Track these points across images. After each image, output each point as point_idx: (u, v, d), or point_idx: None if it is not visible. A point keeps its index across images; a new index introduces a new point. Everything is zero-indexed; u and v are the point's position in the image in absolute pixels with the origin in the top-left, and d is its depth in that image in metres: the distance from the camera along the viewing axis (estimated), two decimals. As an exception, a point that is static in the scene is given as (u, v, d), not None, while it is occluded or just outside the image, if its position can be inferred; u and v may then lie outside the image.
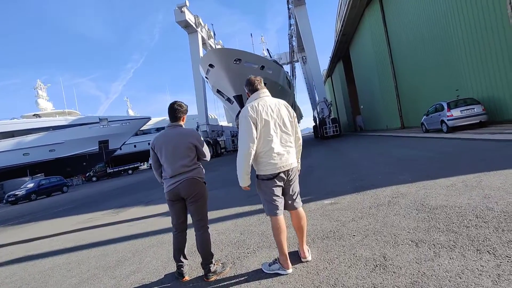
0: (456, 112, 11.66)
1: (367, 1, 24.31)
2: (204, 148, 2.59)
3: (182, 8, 31.59)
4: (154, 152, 2.58)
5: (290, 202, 2.45)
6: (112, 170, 36.14)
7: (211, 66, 21.38)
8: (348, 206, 3.94)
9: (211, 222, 4.45)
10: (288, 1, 35.86)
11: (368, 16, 25.64)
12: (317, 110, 34.19)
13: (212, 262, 2.52)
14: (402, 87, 22.08)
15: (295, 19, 34.17)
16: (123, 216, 6.47)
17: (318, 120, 34.79)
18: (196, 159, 2.57)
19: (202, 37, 37.02)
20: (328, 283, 2.07)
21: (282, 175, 2.33)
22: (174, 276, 2.66)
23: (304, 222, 2.49)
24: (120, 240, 4.41)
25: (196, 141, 2.54)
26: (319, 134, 32.52)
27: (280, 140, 2.34)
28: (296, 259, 2.53)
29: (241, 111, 2.37)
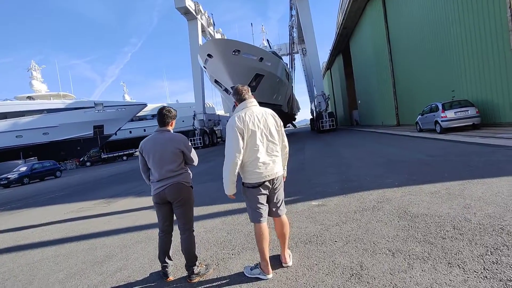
0: (450, 114, 11.77)
1: (369, -5, 23.98)
2: (192, 153, 2.62)
3: (182, -7, 30.85)
4: (142, 156, 2.61)
5: (274, 209, 2.52)
6: (107, 156, 36.00)
7: (210, 56, 21.15)
8: (334, 209, 4.04)
9: (201, 218, 4.56)
10: (290, -9, 35.24)
11: (369, 10, 25.35)
12: (314, 103, 34.18)
13: (196, 264, 2.60)
14: (399, 84, 22.11)
15: (297, 10, 33.65)
16: (114, 207, 6.53)
17: (315, 113, 34.84)
18: (183, 164, 2.61)
19: (202, 24, 36.35)
20: (304, 291, 2.16)
21: (267, 183, 2.39)
22: (159, 275, 2.74)
23: (287, 229, 2.56)
24: (110, 233, 4.47)
25: (184, 146, 2.57)
26: (316, 127, 32.63)
27: (266, 149, 2.38)
28: (278, 264, 2.62)
29: (228, 121, 2.40)
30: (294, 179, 6.75)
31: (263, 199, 2.42)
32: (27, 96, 39.13)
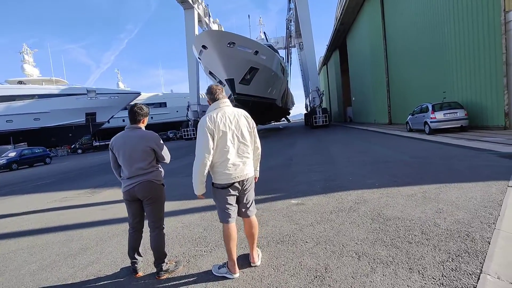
0: (439, 115, 11.89)
1: (368, -9, 23.80)
2: (163, 151, 2.61)
3: (179, -19, 30.23)
4: (113, 153, 2.59)
5: (244, 210, 2.53)
6: (99, 144, 35.67)
7: (204, 47, 20.90)
8: (312, 208, 4.08)
9: (180, 213, 4.57)
10: (289, -17, 34.77)
11: (367, 7, 25.20)
12: (309, 99, 34.17)
13: (165, 261, 2.61)
14: (393, 83, 22.19)
15: (295, 3, 33.26)
16: (98, 198, 6.50)
17: (309, 109, 34.88)
18: (154, 162, 2.60)
19: (199, 14, 35.79)
20: (267, 292, 2.19)
21: (237, 184, 2.40)
22: (130, 271, 2.75)
23: (256, 230, 2.58)
24: (88, 225, 4.46)
25: (155, 144, 2.55)
26: (309, 122, 32.71)
27: (237, 151, 2.38)
28: (247, 263, 2.65)
29: (199, 121, 2.39)
30: (279, 176, 6.79)
31: (232, 200, 2.43)
32: (18, 81, 38.26)
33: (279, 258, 2.70)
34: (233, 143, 2.37)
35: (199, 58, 24.75)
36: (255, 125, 2.58)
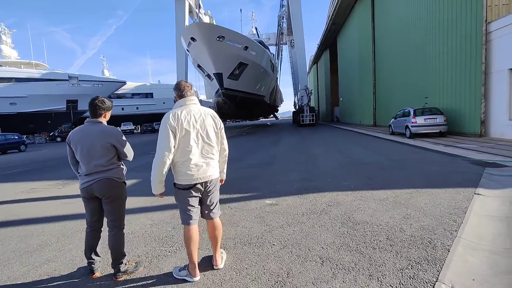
0: (420, 120, 12.17)
1: (359, -7, 23.96)
2: (126, 148, 2.48)
3: (170, -31, 29.43)
4: (70, 147, 2.45)
5: (207, 212, 2.46)
6: (80, 133, 34.46)
7: (193, 39, 20.51)
8: (285, 209, 4.06)
9: (152, 209, 4.45)
10: (282, -20, 34.55)
11: (358, 8, 25.40)
12: (297, 97, 34.30)
13: (123, 262, 2.51)
14: (379, 86, 22.56)
15: (288, 1, 33.11)
16: (68, 191, 6.25)
17: (297, 107, 35.03)
18: (115, 159, 2.47)
19: (190, 4, 35.01)
20: (225, 297, 2.14)
21: (199, 186, 2.32)
22: (87, 271, 2.63)
23: (219, 232, 2.52)
24: (52, 219, 4.27)
25: (116, 141, 2.42)
26: (297, 120, 32.87)
27: (201, 151, 2.30)
28: (209, 265, 2.59)
29: (163, 117, 2.29)
30: (259, 174, 6.75)
31: (194, 201, 2.35)
32: (-6, 62, 36.37)
33: (243, 261, 2.65)
34: (197, 143, 2.28)
35: (187, 50, 24.30)
36: (222, 125, 2.50)
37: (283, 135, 19.66)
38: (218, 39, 20.14)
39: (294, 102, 41.94)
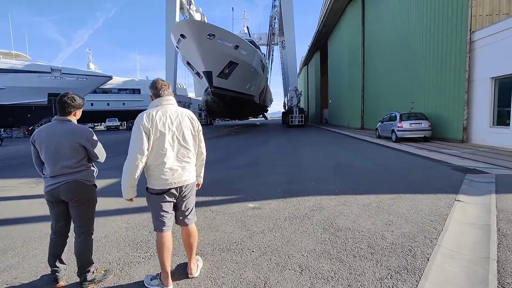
0: (405, 124, 12.38)
1: (350, -3, 24.22)
2: (97, 149, 2.32)
3: (161, -36, 28.90)
4: (34, 147, 2.27)
5: (181, 218, 2.34)
6: (62, 128, 33.32)
7: (183, 36, 20.20)
8: (267, 214, 3.97)
9: (129, 211, 4.27)
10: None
11: (349, 12, 25.67)
12: (287, 97, 34.41)
13: (90, 270, 2.35)
14: (368, 89, 22.87)
15: (280, 2, 33.14)
16: (41, 190, 5.93)
17: (287, 107, 35.13)
18: (85, 160, 2.31)
19: (181, 0, 34.53)
20: (197, 309, 2.02)
21: (174, 191, 2.19)
22: (51, 279, 2.45)
23: (194, 239, 2.40)
24: (21, 221, 4.02)
25: (86, 141, 2.26)
26: (286, 121, 32.95)
27: (176, 154, 2.17)
28: (184, 273, 2.46)
29: (137, 117, 2.15)
30: (244, 176, 6.65)
31: (167, 207, 2.22)
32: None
33: (220, 269, 2.54)
34: (172, 145, 2.15)
35: (177, 47, 23.92)
36: (200, 128, 2.38)
37: (272, 136, 19.63)
38: (208, 37, 19.91)
39: (284, 103, 42.05)
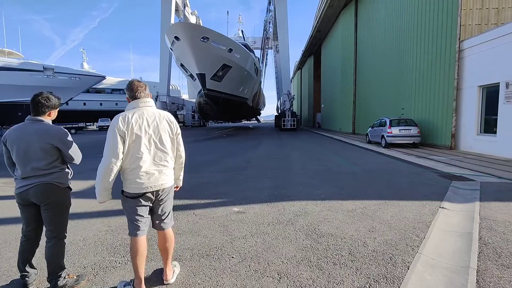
0: (395, 130, 12.51)
1: (344, 3, 24.50)
2: (71, 150, 2.25)
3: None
4: (6, 147, 2.19)
5: (158, 222, 2.28)
6: (52, 127, 32.77)
7: (177, 38, 20.20)
8: (251, 218, 3.92)
9: (111, 214, 4.18)
10: (270, -15, 34.85)
11: (342, 18, 25.96)
12: (280, 101, 34.53)
13: (61, 275, 2.26)
14: (360, 94, 23.09)
15: (274, 7, 33.40)
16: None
17: (280, 111, 35.24)
18: (58, 162, 2.23)
19: (176, 3, 34.50)
20: (169, 317, 1.96)
21: (150, 195, 2.14)
22: (21, 284, 2.36)
23: (170, 244, 2.34)
24: (-3, 223, 3.89)
25: (59, 142, 2.19)
26: (279, 124, 33.04)
27: (153, 158, 2.12)
28: (159, 280, 2.40)
29: (112, 120, 2.10)
30: (231, 179, 6.59)
31: (143, 211, 2.16)
32: (-39, 47, 33.95)
33: (197, 276, 2.48)
34: (148, 149, 2.10)
35: (171, 48, 23.87)
36: (179, 131, 2.33)
37: (263, 139, 19.62)
38: (202, 40, 19.92)
39: (277, 106, 42.19)
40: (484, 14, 13.97)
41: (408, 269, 2.53)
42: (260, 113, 56.21)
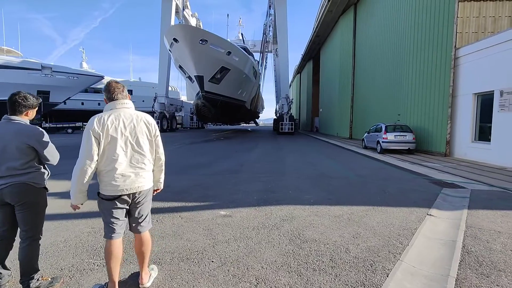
0: (390, 136, 12.52)
1: (343, 8, 24.66)
2: (47, 150, 2.23)
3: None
4: None
5: (134, 225, 2.26)
6: (49, 125, 32.76)
7: (176, 40, 20.27)
8: (237, 222, 3.90)
9: (95, 215, 4.14)
10: (270, -11, 35.07)
11: (341, 24, 26.11)
12: (279, 105, 34.59)
13: (34, 277, 2.23)
14: (357, 100, 23.16)
15: (274, 11, 33.59)
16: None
17: (278, 114, 35.28)
18: (34, 161, 2.21)
19: (177, 4, 34.63)
20: (140, 322, 1.93)
21: (126, 197, 2.12)
22: (-6, 286, 2.33)
23: (147, 247, 2.31)
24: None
25: (35, 142, 2.17)
26: (277, 128, 33.04)
27: (129, 160, 2.11)
28: (135, 284, 2.37)
29: (88, 121, 2.08)
30: (222, 182, 6.57)
31: (119, 213, 2.14)
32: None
33: (174, 280, 2.45)
34: (125, 151, 2.09)
35: (170, 50, 23.94)
36: (158, 133, 2.32)
37: (260, 142, 19.60)
38: (201, 42, 20.00)
39: (276, 110, 42.25)
40: (481, 23, 14.08)
41: (387, 276, 2.51)
42: (259, 116, 56.28)
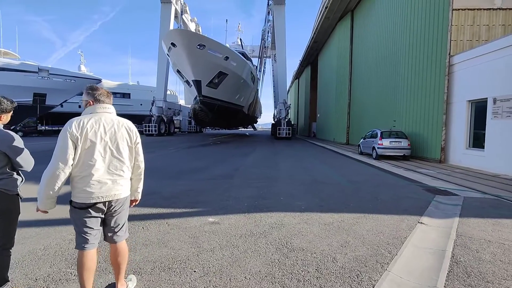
0: (386, 142, 12.52)
1: (340, 15, 24.87)
2: (21, 157, 2.16)
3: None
4: None
5: (110, 234, 2.18)
6: (44, 128, 32.55)
7: (173, 45, 20.34)
8: (225, 230, 3.82)
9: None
10: (269, -5, 35.38)
11: (339, 30, 26.31)
12: (277, 110, 34.65)
13: (5, 288, 2.15)
14: (354, 106, 23.24)
15: (273, 17, 33.85)
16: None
17: (276, 119, 35.32)
18: (7, 168, 2.14)
19: (176, 9, 34.84)
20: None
21: (101, 205, 2.04)
22: (-36, 296, 2.23)
23: (123, 258, 2.23)
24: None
25: (7, 148, 2.10)
26: (274, 133, 33.04)
27: (107, 166, 2.04)
28: (112, 295, 2.28)
29: (66, 123, 2.02)
30: (214, 187, 6.49)
31: (92, 222, 2.06)
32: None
33: (152, 291, 2.37)
34: (103, 156, 2.02)
35: (168, 54, 24.00)
36: (139, 140, 2.25)
37: (256, 147, 19.55)
38: (198, 47, 20.07)
39: (274, 115, 42.32)
40: (475, 31, 14.25)
41: (373, 287, 2.44)
42: (257, 121, 56.33)
